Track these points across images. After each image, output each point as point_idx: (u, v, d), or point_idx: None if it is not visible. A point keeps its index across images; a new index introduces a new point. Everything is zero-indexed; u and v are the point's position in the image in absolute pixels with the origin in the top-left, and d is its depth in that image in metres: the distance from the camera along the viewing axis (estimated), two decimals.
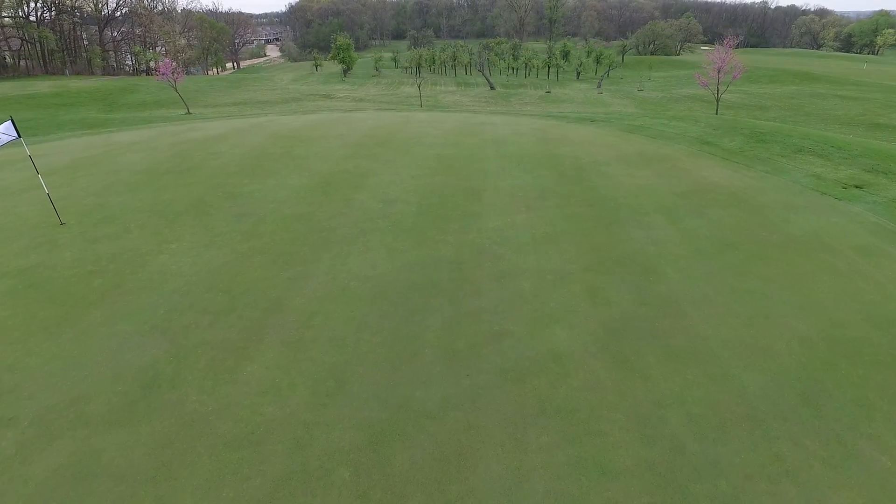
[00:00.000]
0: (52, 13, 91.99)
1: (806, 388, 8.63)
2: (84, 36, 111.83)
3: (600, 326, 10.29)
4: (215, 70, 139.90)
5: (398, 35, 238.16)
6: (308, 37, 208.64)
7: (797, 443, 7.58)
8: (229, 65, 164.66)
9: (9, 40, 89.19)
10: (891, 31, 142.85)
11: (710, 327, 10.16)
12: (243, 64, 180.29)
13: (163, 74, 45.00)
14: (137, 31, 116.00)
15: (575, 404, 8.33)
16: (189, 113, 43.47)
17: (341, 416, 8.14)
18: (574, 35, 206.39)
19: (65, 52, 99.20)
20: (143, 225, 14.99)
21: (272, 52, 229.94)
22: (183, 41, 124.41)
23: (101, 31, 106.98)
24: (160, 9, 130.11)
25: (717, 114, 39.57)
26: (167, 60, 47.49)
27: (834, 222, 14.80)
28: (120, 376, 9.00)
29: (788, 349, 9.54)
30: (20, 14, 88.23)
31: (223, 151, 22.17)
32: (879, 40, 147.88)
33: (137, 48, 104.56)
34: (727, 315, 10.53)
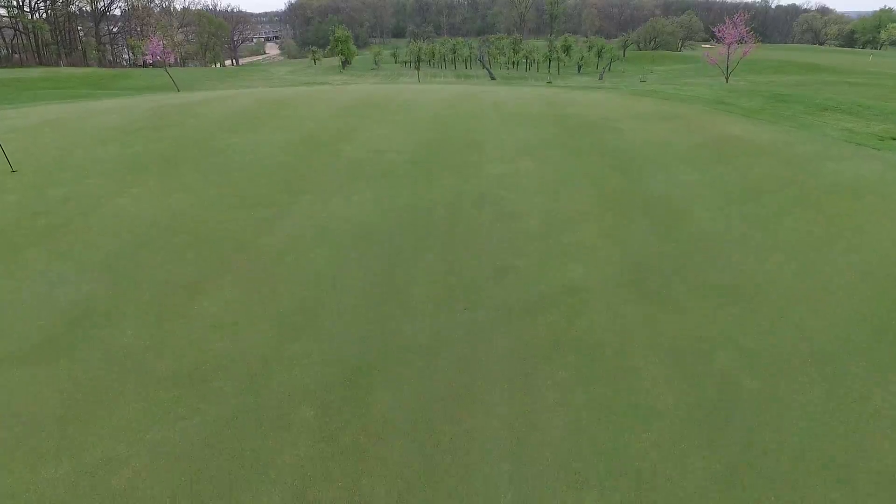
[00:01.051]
0: (47, 1, 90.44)
1: (880, 323, 7.04)
2: (80, 30, 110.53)
3: (623, 262, 8.71)
4: (214, 66, 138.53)
5: (398, 33, 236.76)
6: (307, 35, 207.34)
7: (883, 381, 5.98)
8: (228, 62, 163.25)
9: (2, 30, 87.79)
10: (895, 24, 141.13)
11: (754, 264, 8.57)
12: (242, 62, 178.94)
13: (152, 54, 43.48)
14: (134, 25, 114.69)
15: (597, 339, 6.75)
16: (179, 92, 41.89)
17: (308, 352, 6.57)
18: (574, 33, 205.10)
19: (60, 45, 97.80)
20: (105, 173, 13.42)
21: (272, 50, 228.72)
22: (180, 36, 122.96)
23: (96, 23, 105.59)
24: (157, 7, 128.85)
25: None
26: (155, 39, 45.84)
27: (877, 169, 13.20)
28: (43, 312, 7.42)
29: (850, 284, 7.95)
30: (13, 3, 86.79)
31: (204, 112, 20.60)
32: (884, 34, 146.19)
33: (133, 41, 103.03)
34: (772, 252, 8.95)
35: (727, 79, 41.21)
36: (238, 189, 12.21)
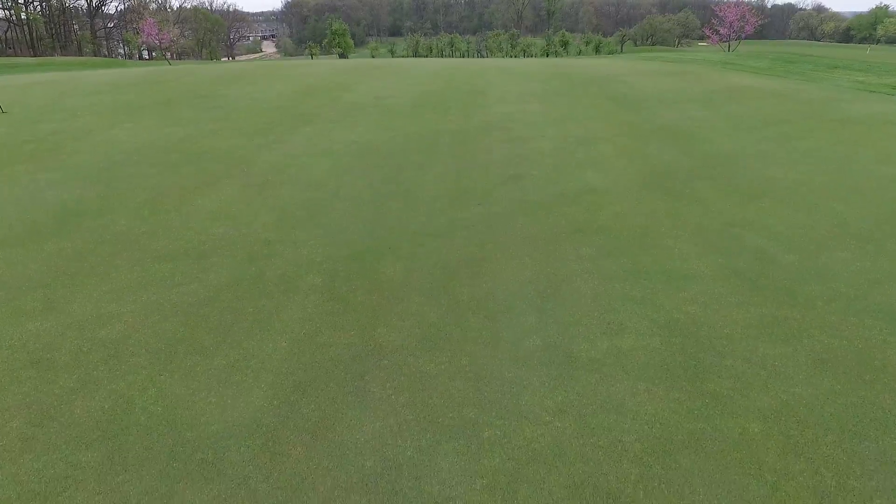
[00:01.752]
0: None
1: None
2: (75, 24, 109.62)
3: (641, 171, 8.33)
4: (211, 61, 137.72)
5: (395, 32, 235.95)
6: (304, 33, 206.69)
7: None
8: (225, 59, 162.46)
9: None
10: (892, 19, 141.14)
11: (779, 172, 8.20)
12: (239, 59, 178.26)
13: (147, 35, 43.03)
14: (130, 20, 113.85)
15: (621, 225, 6.36)
16: None
17: (313, 236, 6.16)
18: (572, 31, 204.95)
19: (55, 39, 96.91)
20: (97, 113, 12.97)
21: (268, 48, 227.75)
22: (176, 30, 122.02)
23: (91, 18, 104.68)
24: (154, 4, 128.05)
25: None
26: (150, 20, 45.33)
27: (893, 109, 12.84)
28: (30, 209, 6.99)
29: (880, 187, 7.58)
30: None
31: (201, 72, 20.19)
32: (881, 30, 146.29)
33: (129, 35, 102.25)
34: (797, 163, 8.58)
35: (729, 48, 40.79)
36: (235, 124, 11.78)
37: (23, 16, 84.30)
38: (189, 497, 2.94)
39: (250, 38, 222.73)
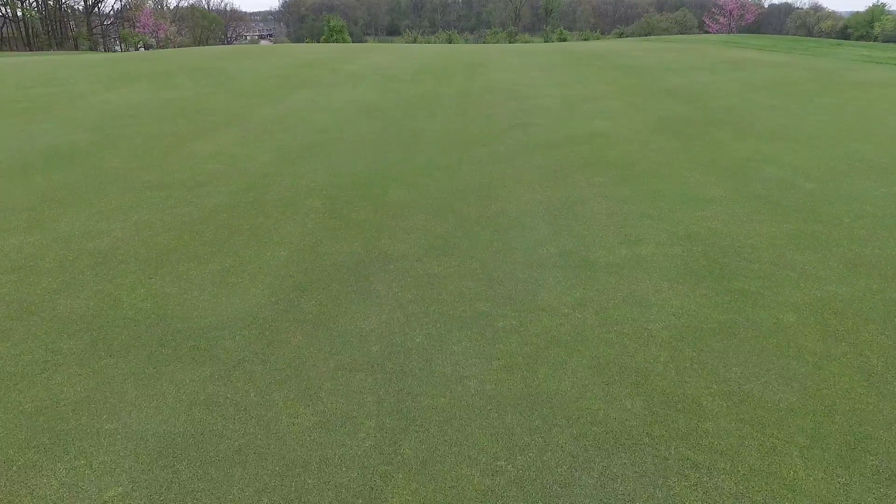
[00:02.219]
0: None
1: None
2: (72, 22, 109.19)
3: (649, 119, 8.10)
4: None
5: (393, 31, 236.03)
6: (302, 31, 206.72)
7: None
8: None
9: None
10: (889, 17, 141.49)
11: (793, 121, 7.97)
12: None
13: (143, 25, 42.70)
14: (127, 17, 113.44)
15: (632, 159, 6.13)
16: None
17: (314, 169, 5.92)
18: (569, 30, 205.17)
19: (51, 36, 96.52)
20: (92, 81, 12.70)
21: None
22: (174, 28, 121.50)
23: (88, 13, 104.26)
24: (151, 3, 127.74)
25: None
26: (147, 10, 44.98)
27: None
28: (20, 151, 6.74)
29: (895, 133, 7.33)
30: None
31: (197, 51, 19.90)
32: (877, 28, 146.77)
33: (125, 32, 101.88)
34: (810, 114, 8.36)
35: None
36: (233, 88, 11.53)
37: (18, 13, 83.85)
38: (179, 377, 2.69)
39: (248, 38, 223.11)
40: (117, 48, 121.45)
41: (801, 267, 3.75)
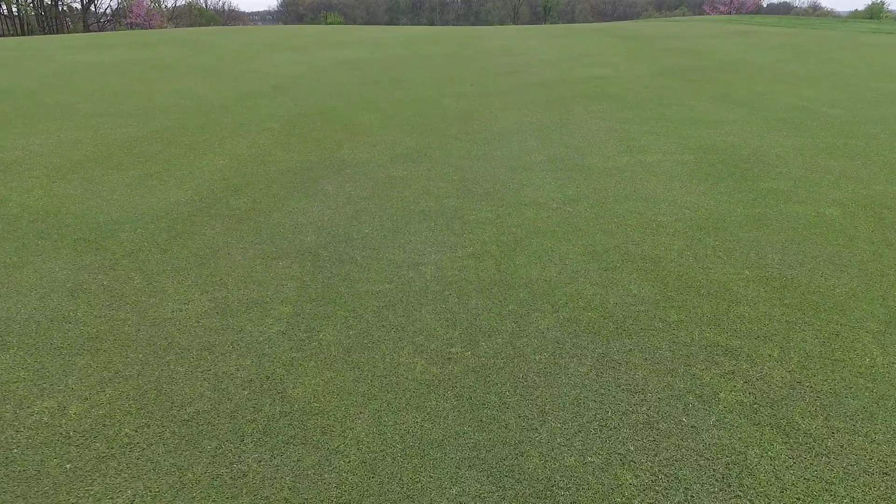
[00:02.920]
0: None
1: None
2: (68, 19, 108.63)
3: (651, 68, 7.47)
4: None
5: None
6: None
7: None
8: None
9: None
10: (888, 15, 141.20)
11: (805, 70, 7.35)
12: None
13: (136, 15, 42.03)
14: (123, 15, 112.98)
15: (636, 94, 5.50)
16: None
17: (278, 102, 5.29)
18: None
19: (46, 32, 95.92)
20: (66, 47, 12.07)
21: None
22: (172, 26, 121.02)
23: (84, 10, 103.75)
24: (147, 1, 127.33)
25: None
26: (141, 1, 44.30)
27: None
28: None
29: None
30: None
31: (186, 30, 19.26)
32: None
33: (123, 28, 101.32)
34: (828, 65, 7.76)
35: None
36: (214, 52, 10.89)
37: (14, 9, 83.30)
38: (47, 267, 2.06)
39: None
40: None
41: (838, 171, 3.12)
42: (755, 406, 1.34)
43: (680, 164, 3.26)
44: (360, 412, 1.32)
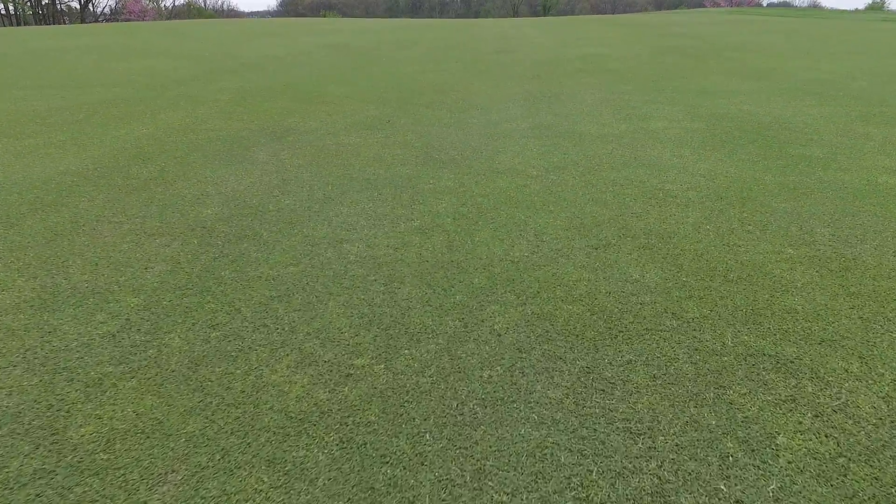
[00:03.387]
0: None
1: None
2: (66, 19, 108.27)
3: (652, 47, 6.94)
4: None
5: None
6: None
7: None
8: None
9: None
10: (888, 14, 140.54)
11: (821, 48, 6.82)
12: None
13: (130, 12, 41.43)
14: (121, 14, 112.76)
15: (636, 70, 4.96)
16: None
17: (239, 78, 4.76)
18: None
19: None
20: (42, 36, 11.56)
21: None
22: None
23: (82, 9, 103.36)
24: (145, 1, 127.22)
25: None
26: None
27: None
28: None
29: None
30: None
31: (174, 22, 18.75)
32: None
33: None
34: (842, 45, 7.26)
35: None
36: (192, 37, 10.39)
37: (11, 8, 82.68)
38: None
39: None
40: None
41: (880, 138, 2.59)
42: (840, 461, 0.80)
43: (689, 130, 2.72)
44: (172, 473, 0.78)
